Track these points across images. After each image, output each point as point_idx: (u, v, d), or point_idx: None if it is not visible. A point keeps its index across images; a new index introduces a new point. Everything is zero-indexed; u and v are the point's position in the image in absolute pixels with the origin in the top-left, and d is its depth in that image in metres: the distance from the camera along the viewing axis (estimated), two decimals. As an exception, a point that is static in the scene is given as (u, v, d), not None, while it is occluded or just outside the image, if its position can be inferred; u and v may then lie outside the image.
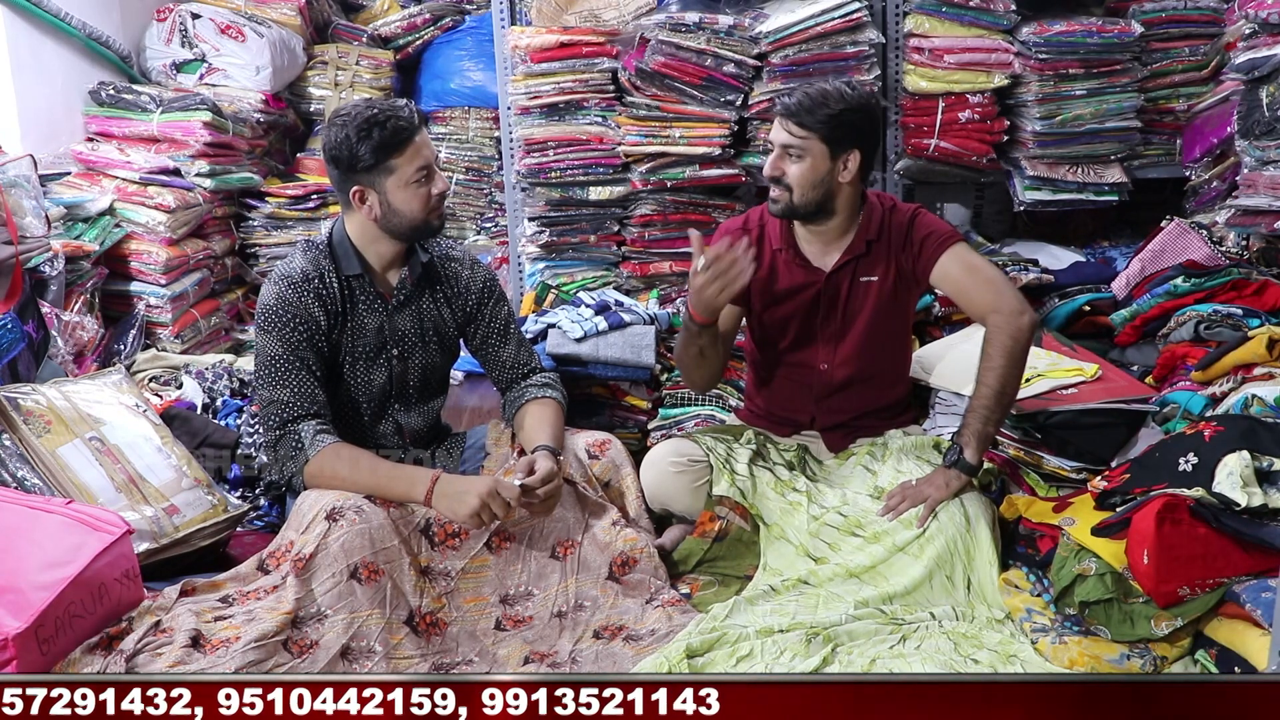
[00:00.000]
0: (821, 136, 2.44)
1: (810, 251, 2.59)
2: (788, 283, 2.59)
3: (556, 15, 3.54)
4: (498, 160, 4.14)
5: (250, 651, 1.98)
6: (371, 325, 2.43)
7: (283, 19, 4.11)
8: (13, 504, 2.13)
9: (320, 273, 2.38)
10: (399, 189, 2.33)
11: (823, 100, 2.44)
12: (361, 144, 2.29)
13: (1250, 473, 2.03)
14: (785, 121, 2.47)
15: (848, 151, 2.47)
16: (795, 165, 2.46)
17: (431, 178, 2.36)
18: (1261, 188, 2.94)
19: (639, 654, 2.15)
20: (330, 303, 2.38)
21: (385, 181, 2.33)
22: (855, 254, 2.56)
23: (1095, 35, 3.37)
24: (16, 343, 2.70)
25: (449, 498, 2.24)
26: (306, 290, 2.36)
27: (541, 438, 2.38)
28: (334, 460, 2.27)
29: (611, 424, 3.05)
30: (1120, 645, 2.02)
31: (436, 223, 2.41)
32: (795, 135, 2.45)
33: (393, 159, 2.31)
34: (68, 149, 3.66)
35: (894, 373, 2.71)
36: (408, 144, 2.31)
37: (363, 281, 2.42)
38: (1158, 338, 3.01)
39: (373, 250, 2.42)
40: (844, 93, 2.47)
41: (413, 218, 2.37)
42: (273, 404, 2.32)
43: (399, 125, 2.30)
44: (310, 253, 2.41)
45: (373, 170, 2.32)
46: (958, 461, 2.38)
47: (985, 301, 2.45)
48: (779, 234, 2.59)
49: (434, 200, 2.37)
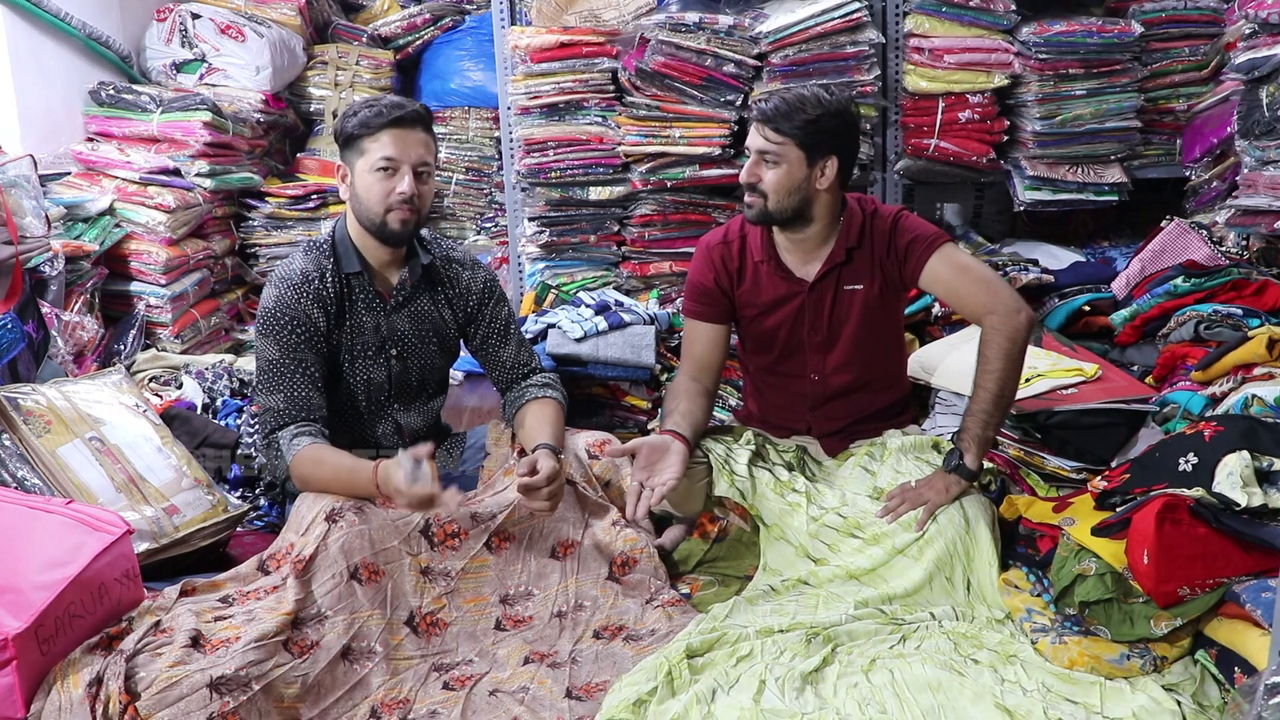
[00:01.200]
0: (798, 142, 2.41)
1: (791, 262, 2.56)
2: (771, 295, 2.57)
3: (556, 15, 3.54)
4: (498, 160, 4.15)
5: (250, 651, 1.97)
6: (369, 324, 2.43)
7: (283, 19, 4.11)
8: (13, 504, 2.12)
9: (320, 272, 2.38)
10: (364, 173, 2.33)
11: (799, 105, 2.41)
12: (348, 120, 2.34)
13: (1250, 473, 2.03)
14: (762, 127, 2.44)
15: (825, 158, 2.43)
16: (771, 171, 2.43)
17: (396, 174, 2.31)
18: (1261, 188, 2.94)
19: (639, 654, 2.15)
20: (328, 303, 2.38)
21: (356, 162, 2.35)
22: (836, 262, 2.52)
23: (1095, 35, 3.37)
24: (16, 343, 2.70)
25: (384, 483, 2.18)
26: (305, 292, 2.35)
27: (542, 436, 2.38)
28: (307, 464, 2.27)
29: (611, 424, 3.05)
30: (1120, 645, 2.02)
31: (396, 227, 2.34)
32: (771, 141, 2.42)
33: (365, 140, 2.32)
34: (68, 149, 3.67)
35: (888, 377, 2.68)
36: (384, 130, 2.30)
37: (362, 280, 2.42)
38: (1158, 338, 3.01)
39: (366, 246, 2.42)
40: (821, 98, 2.43)
41: (370, 208, 2.34)
42: (267, 410, 2.34)
43: (382, 109, 2.32)
44: (312, 252, 2.41)
45: (348, 147, 2.35)
46: (958, 467, 2.36)
47: (979, 302, 2.42)
48: (760, 245, 2.56)
49: (393, 198, 2.31)
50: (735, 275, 2.58)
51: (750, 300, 2.59)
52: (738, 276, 2.58)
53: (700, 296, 2.59)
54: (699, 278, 2.60)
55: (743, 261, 2.58)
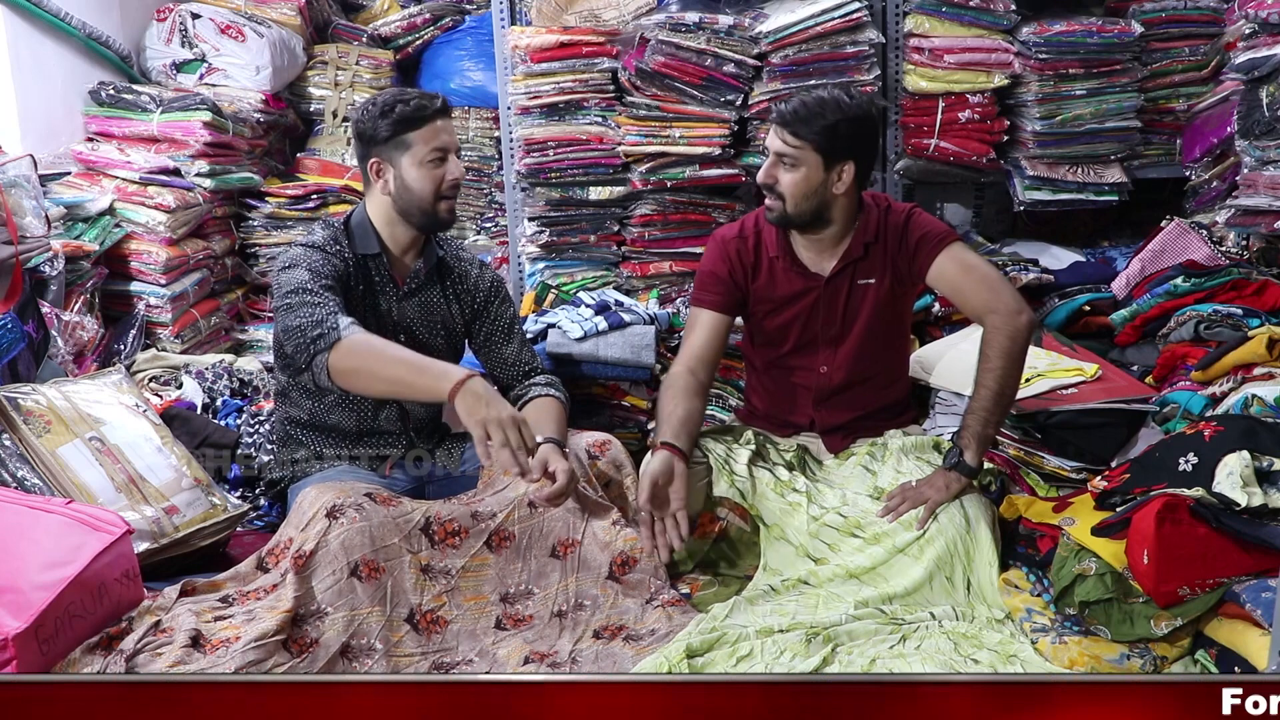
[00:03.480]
0: (816, 147, 2.42)
1: (807, 258, 2.58)
2: (786, 290, 2.58)
3: (556, 15, 3.54)
4: (498, 160, 4.14)
5: (250, 651, 1.98)
6: (381, 307, 2.47)
7: (283, 19, 4.11)
8: (13, 504, 2.12)
9: (339, 246, 2.44)
10: (413, 166, 2.39)
11: (819, 110, 2.41)
12: (384, 117, 2.38)
13: (1250, 473, 2.03)
14: (780, 130, 2.45)
15: (843, 163, 2.45)
16: (789, 174, 2.45)
17: (446, 162, 2.41)
18: (1261, 188, 2.94)
19: (639, 654, 2.15)
20: (347, 274, 2.43)
21: (401, 157, 2.40)
22: (853, 258, 2.55)
23: (1095, 35, 3.37)
24: (16, 343, 2.70)
25: (475, 397, 2.11)
26: (330, 252, 2.41)
27: (547, 429, 2.39)
28: (365, 341, 2.21)
29: (611, 424, 3.05)
30: (1120, 645, 2.02)
31: (446, 214, 2.45)
32: (790, 145, 2.43)
33: (410, 134, 2.38)
34: (68, 149, 3.66)
35: (892, 373, 2.70)
36: (427, 122, 2.38)
37: (379, 262, 2.47)
38: (1158, 338, 3.01)
39: (390, 233, 2.47)
40: (841, 102, 2.44)
41: (423, 198, 2.41)
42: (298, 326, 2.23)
43: (421, 104, 2.39)
44: (328, 229, 2.47)
45: (389, 143, 2.39)
46: (958, 464, 2.37)
47: (982, 301, 2.44)
48: (775, 241, 2.58)
49: (446, 186, 2.42)
50: (751, 269, 2.59)
51: (765, 295, 2.59)
52: (753, 271, 2.59)
53: (712, 285, 2.59)
54: (713, 267, 2.61)
55: (758, 256, 2.59)
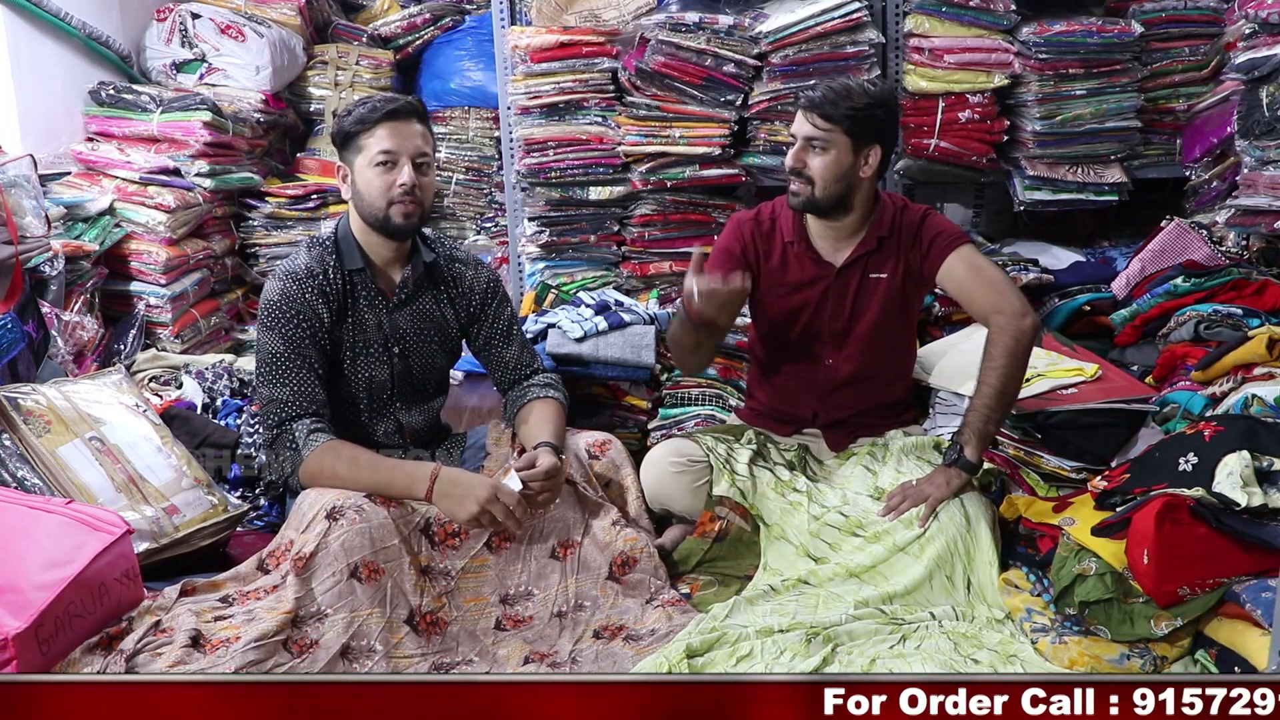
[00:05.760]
0: (845, 130, 2.46)
1: (822, 246, 2.60)
2: (798, 276, 2.60)
3: (556, 15, 3.54)
4: (498, 160, 4.14)
5: (250, 651, 1.98)
6: (371, 322, 2.43)
7: (283, 19, 4.11)
8: (13, 504, 2.12)
9: (324, 269, 2.39)
10: (364, 168, 2.35)
11: (847, 94, 2.47)
12: (345, 119, 2.36)
13: (1250, 473, 2.03)
14: (810, 114, 2.48)
15: (870, 146, 2.49)
16: (819, 158, 2.48)
17: (396, 166, 2.32)
18: (1261, 188, 2.94)
19: (639, 654, 2.15)
20: (333, 298, 2.38)
21: (355, 160, 2.36)
22: (867, 249, 2.57)
23: (1095, 35, 3.37)
24: (16, 343, 2.70)
25: (449, 498, 2.22)
26: (310, 286, 2.36)
27: (544, 435, 2.39)
28: (332, 458, 2.26)
29: (611, 424, 3.05)
30: (1120, 645, 2.02)
31: (400, 220, 2.34)
32: (820, 128, 2.47)
33: (363, 136, 2.34)
34: (68, 149, 3.66)
35: (896, 370, 2.71)
36: (380, 124, 2.32)
37: (364, 276, 2.42)
38: (1158, 338, 3.01)
39: (369, 243, 2.43)
40: (867, 88, 2.51)
41: (372, 203, 2.35)
42: (272, 402, 2.32)
43: (377, 105, 2.34)
44: (315, 249, 2.42)
45: (346, 146, 2.37)
46: (958, 460, 2.38)
47: (989, 302, 2.46)
48: (791, 226, 2.60)
49: (395, 192, 2.32)
50: (764, 251, 2.62)
51: (776, 279, 2.61)
52: (766, 253, 2.62)
53: (724, 261, 2.60)
54: (726, 244, 2.64)
55: (773, 239, 2.62)
